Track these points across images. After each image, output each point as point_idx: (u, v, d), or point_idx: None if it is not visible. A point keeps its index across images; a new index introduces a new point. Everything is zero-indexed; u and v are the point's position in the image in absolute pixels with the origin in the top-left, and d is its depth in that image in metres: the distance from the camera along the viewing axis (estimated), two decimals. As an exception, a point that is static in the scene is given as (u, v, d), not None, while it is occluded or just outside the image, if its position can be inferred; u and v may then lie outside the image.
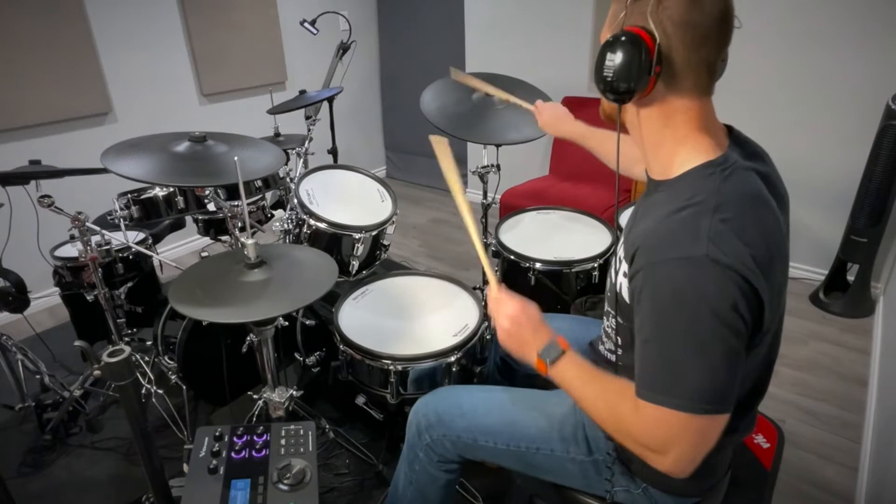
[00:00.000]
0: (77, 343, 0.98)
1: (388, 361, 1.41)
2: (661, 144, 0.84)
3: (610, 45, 0.77)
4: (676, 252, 0.73)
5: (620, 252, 0.91)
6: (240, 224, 1.79)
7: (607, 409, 0.85)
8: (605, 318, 1.02)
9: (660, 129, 0.83)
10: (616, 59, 0.76)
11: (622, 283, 0.87)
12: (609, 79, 0.77)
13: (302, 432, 1.15)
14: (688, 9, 0.74)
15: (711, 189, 0.76)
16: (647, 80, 0.76)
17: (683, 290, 0.73)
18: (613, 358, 0.98)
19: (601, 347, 1.10)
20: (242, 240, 1.22)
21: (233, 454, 1.09)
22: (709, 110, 0.83)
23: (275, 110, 2.26)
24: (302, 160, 2.11)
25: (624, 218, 1.91)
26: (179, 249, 3.39)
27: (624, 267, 0.86)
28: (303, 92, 2.44)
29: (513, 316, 0.98)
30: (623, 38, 0.75)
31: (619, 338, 0.94)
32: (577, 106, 1.72)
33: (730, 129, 0.89)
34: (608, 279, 0.98)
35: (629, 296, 0.83)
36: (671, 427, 0.76)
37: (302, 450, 1.11)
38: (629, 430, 0.81)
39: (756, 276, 0.72)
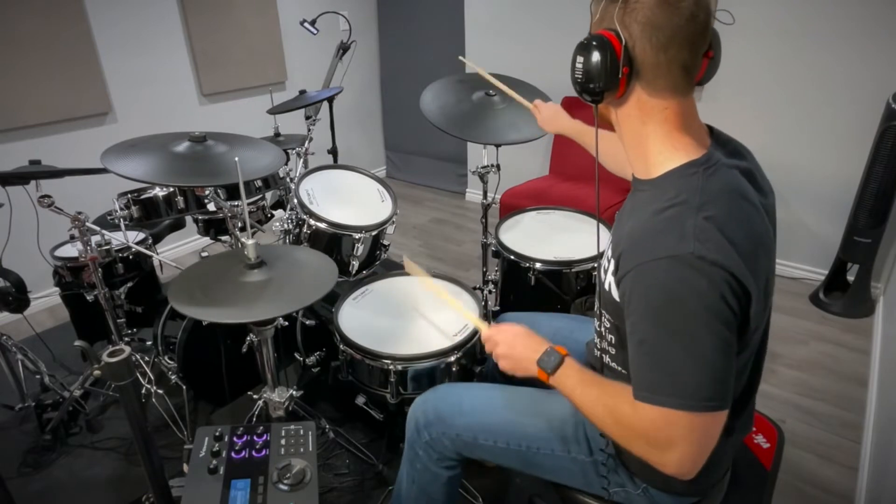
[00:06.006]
0: (77, 343, 0.98)
1: (388, 361, 1.41)
2: (641, 143, 0.85)
3: (579, 48, 0.80)
4: (663, 251, 0.74)
5: (608, 251, 0.91)
6: (240, 224, 1.79)
7: (607, 412, 0.85)
8: (595, 319, 1.02)
9: (638, 128, 0.85)
10: (584, 61, 0.79)
11: (611, 282, 0.87)
12: (579, 80, 0.81)
13: (302, 432, 1.15)
14: (653, 11, 0.75)
15: (695, 188, 0.77)
16: (617, 81, 0.79)
17: (673, 288, 0.73)
18: (607, 358, 0.98)
19: (595, 348, 1.10)
20: (243, 240, 1.22)
21: (233, 454, 1.09)
22: (688, 109, 0.83)
23: (275, 110, 2.26)
24: (302, 160, 2.11)
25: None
26: (179, 249, 3.39)
27: (612, 266, 0.86)
28: (303, 92, 2.43)
29: (502, 340, 1.03)
30: (591, 42, 0.78)
31: (611, 336, 0.95)
32: (575, 106, 1.72)
33: (710, 129, 0.89)
34: (597, 278, 0.98)
35: (619, 296, 0.84)
36: (672, 427, 0.76)
37: (302, 450, 1.11)
38: (632, 432, 0.81)
39: (741, 270, 0.73)
